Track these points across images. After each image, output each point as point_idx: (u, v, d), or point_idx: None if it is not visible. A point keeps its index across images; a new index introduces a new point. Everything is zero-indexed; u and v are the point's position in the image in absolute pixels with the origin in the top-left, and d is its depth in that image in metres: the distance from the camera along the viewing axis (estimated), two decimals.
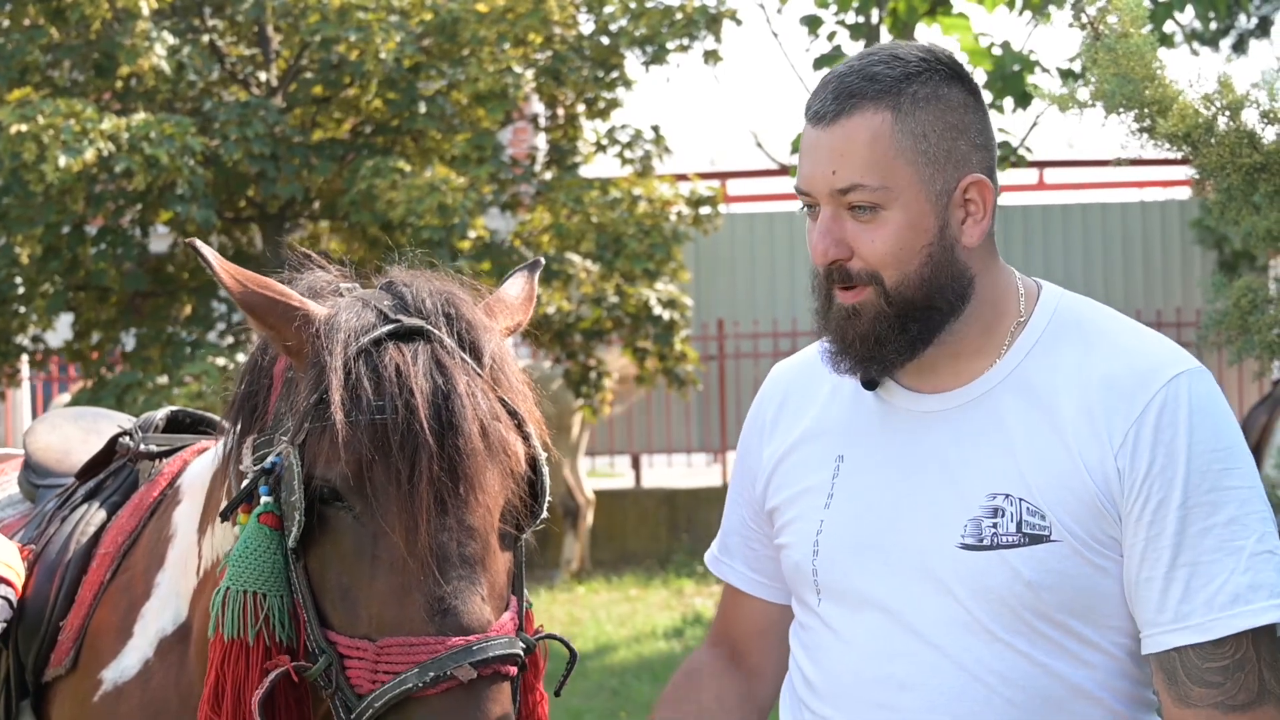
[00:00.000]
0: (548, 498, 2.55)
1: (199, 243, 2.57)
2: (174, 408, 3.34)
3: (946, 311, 2.39)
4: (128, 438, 3.22)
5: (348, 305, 2.53)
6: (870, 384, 2.49)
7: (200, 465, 2.97)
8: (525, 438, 2.51)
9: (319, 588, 2.45)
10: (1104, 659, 2.37)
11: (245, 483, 2.53)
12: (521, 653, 2.43)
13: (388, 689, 2.33)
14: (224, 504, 2.63)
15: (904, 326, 2.37)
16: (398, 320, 2.49)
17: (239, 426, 2.66)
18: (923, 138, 2.35)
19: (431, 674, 2.32)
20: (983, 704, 2.35)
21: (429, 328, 2.49)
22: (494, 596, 2.42)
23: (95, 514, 3.12)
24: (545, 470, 2.54)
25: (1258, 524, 2.29)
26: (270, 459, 2.47)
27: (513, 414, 2.50)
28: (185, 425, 3.32)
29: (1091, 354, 2.38)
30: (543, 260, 2.92)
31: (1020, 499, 2.34)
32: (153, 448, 3.18)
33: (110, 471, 3.23)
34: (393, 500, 2.37)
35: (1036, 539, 2.32)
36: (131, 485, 3.16)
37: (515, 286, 2.78)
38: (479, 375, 2.48)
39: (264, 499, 2.47)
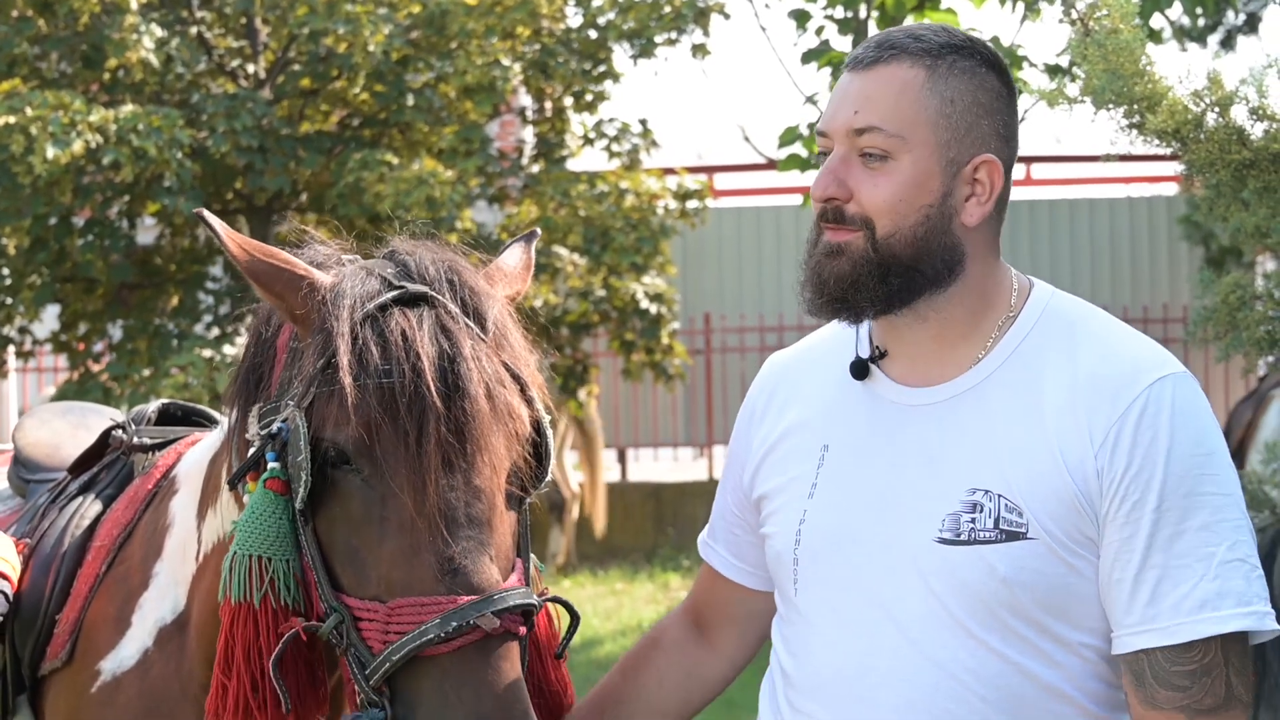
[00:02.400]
0: (552, 460, 2.56)
1: (207, 213, 2.59)
2: (165, 400, 3.34)
3: (930, 278, 2.40)
4: (121, 431, 3.22)
5: (352, 273, 2.55)
6: (859, 374, 2.50)
7: (196, 454, 2.97)
8: (529, 402, 2.53)
9: (328, 550, 2.45)
10: (1077, 659, 2.37)
11: (253, 450, 2.54)
12: (535, 605, 2.43)
13: (408, 639, 2.32)
14: (228, 478, 2.64)
15: (884, 278, 2.39)
16: (402, 286, 2.51)
17: (243, 399, 2.67)
18: (950, 103, 2.39)
19: (454, 624, 2.31)
20: (957, 701, 2.35)
21: (433, 294, 2.51)
22: (501, 557, 2.43)
23: (90, 507, 3.12)
24: (549, 433, 2.55)
25: (1230, 531, 2.29)
26: (276, 424, 2.48)
27: (516, 378, 2.52)
28: (177, 418, 3.32)
29: (1078, 353, 2.39)
30: (538, 231, 2.96)
31: (1000, 495, 2.34)
32: (146, 440, 3.18)
33: (104, 465, 3.22)
34: (401, 462, 2.38)
35: (1013, 536, 2.33)
36: (126, 478, 3.16)
37: (513, 256, 2.81)
38: (483, 340, 2.50)
39: (271, 464, 2.47)
